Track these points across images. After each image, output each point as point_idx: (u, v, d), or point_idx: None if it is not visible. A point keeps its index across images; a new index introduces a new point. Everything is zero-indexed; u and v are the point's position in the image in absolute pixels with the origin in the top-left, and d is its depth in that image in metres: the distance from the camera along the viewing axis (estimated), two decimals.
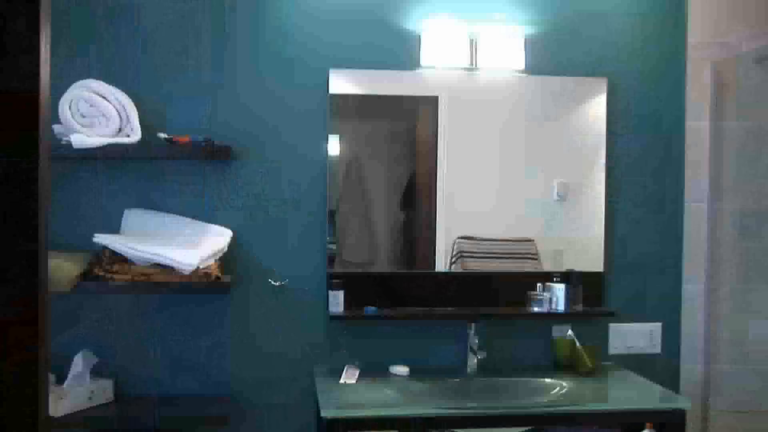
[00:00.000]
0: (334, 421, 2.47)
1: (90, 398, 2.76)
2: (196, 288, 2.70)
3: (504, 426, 2.65)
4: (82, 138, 2.64)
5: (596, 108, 3.12)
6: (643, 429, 2.70)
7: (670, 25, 3.16)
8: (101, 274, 2.68)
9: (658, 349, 3.19)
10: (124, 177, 2.89)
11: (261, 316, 2.97)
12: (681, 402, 2.68)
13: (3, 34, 0.86)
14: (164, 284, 2.68)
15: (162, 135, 2.76)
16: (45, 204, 0.89)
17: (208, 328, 2.95)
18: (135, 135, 2.74)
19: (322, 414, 2.48)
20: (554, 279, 3.02)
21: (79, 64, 2.81)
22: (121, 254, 2.66)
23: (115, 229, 2.85)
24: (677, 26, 3.15)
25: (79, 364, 2.75)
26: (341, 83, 2.98)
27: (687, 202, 3.18)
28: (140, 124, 2.76)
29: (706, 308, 3.19)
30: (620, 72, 3.13)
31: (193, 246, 2.73)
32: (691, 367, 3.20)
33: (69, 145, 2.63)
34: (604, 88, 3.11)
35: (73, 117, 2.66)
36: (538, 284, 3.03)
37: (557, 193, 3.12)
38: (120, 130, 2.72)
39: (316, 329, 2.99)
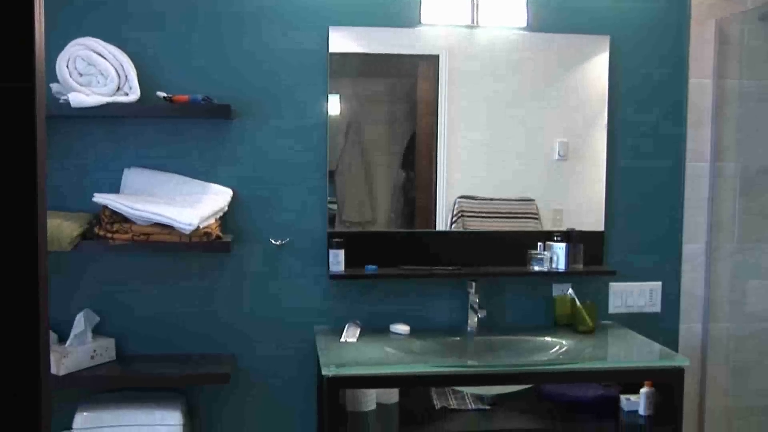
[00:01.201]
0: (334, 379, 2.48)
1: (92, 357, 2.77)
2: (196, 247, 2.70)
3: (504, 384, 2.68)
4: (80, 97, 2.62)
5: (598, 66, 3.09)
6: (642, 387, 2.72)
7: None
8: (101, 234, 2.68)
9: (657, 308, 3.20)
10: (123, 136, 2.87)
11: (261, 275, 2.97)
12: (679, 360, 2.70)
13: None
14: (164, 244, 2.68)
15: (161, 94, 2.75)
16: (42, 163, 0.89)
17: (209, 288, 2.96)
18: (133, 94, 2.72)
19: (323, 372, 2.49)
20: (555, 238, 3.02)
21: (75, 21, 2.78)
22: (121, 214, 2.66)
23: (114, 188, 2.84)
24: None
25: (81, 323, 2.76)
26: (341, 42, 2.95)
27: (688, 161, 3.16)
28: (139, 83, 2.74)
29: (706, 268, 3.20)
30: (623, 30, 3.10)
31: (193, 205, 2.72)
32: (690, 326, 3.22)
33: (67, 104, 2.62)
34: (607, 46, 3.08)
35: (70, 75, 2.64)
36: (539, 243, 3.03)
37: (558, 152, 3.10)
38: (118, 88, 2.71)
39: (317, 288, 3.00)
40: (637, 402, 2.73)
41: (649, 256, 3.18)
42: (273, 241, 2.95)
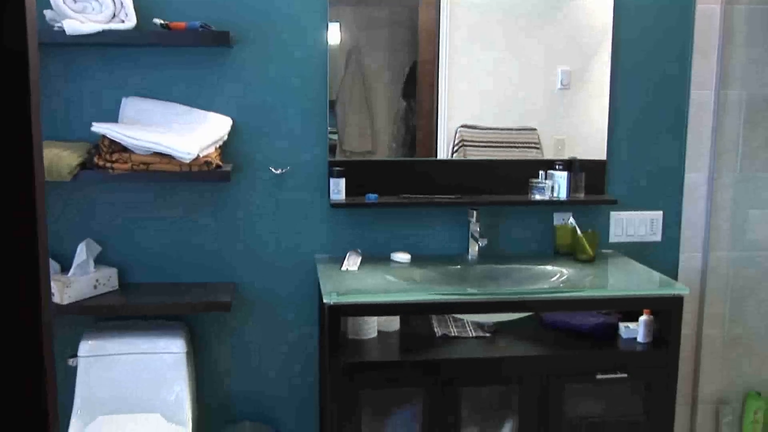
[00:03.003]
0: (336, 307, 2.50)
1: (95, 287, 2.79)
2: (196, 176, 2.69)
3: (504, 312, 2.69)
4: (75, 24, 2.58)
5: None
6: (641, 315, 2.74)
7: None
8: (101, 163, 2.67)
9: (658, 237, 3.20)
10: (121, 65, 2.83)
11: (262, 204, 2.97)
12: (679, 288, 2.71)
13: None
14: (164, 173, 2.67)
15: (157, 21, 2.70)
16: (35, 90, 0.87)
17: (209, 217, 2.96)
18: (129, 21, 2.67)
19: (324, 300, 2.51)
20: (556, 167, 3.00)
21: None
22: (120, 143, 2.64)
23: (113, 118, 2.82)
24: None
25: (82, 253, 2.77)
26: None
27: (693, 90, 3.13)
28: (135, 10, 2.69)
29: (707, 197, 3.19)
30: None
31: (193, 134, 2.70)
32: (690, 256, 3.23)
33: (62, 31, 2.57)
34: None
35: (64, 2, 2.59)
36: (540, 172, 3.02)
37: (561, 81, 3.07)
38: (114, 15, 2.66)
39: (318, 217, 3.00)
40: (636, 330, 2.75)
41: (651, 186, 3.17)
42: (273, 170, 2.93)
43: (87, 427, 2.65)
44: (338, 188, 2.89)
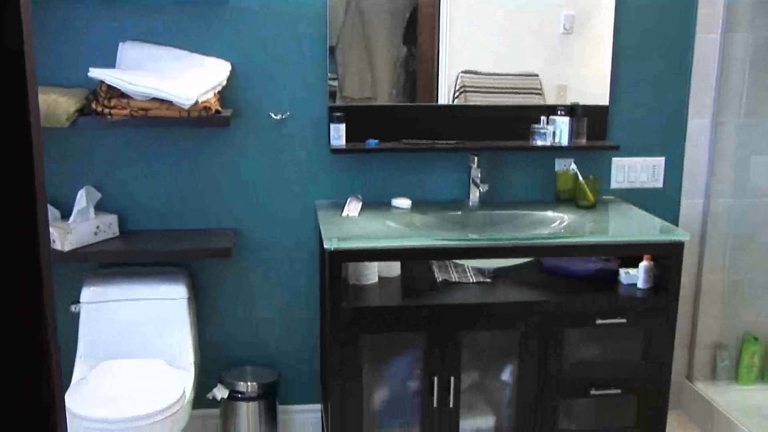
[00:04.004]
0: (337, 253, 2.50)
1: (96, 233, 2.79)
2: (196, 122, 2.67)
3: (505, 257, 2.70)
4: None
5: None
6: (641, 261, 2.74)
7: None
8: (99, 109, 2.65)
9: (659, 184, 3.19)
10: (118, 9, 2.79)
11: (262, 150, 2.95)
12: (679, 234, 2.71)
13: None
14: (163, 119, 2.65)
15: None
16: (29, 33, 0.85)
17: (209, 163, 2.94)
18: None
19: (325, 246, 2.51)
20: (558, 112, 2.98)
21: None
22: (118, 89, 2.62)
23: (110, 63, 2.79)
24: None
25: (82, 199, 2.76)
26: None
27: (698, 33, 3.08)
28: None
29: (710, 143, 3.17)
30: None
31: (192, 79, 2.68)
32: (691, 202, 3.22)
33: None
34: None
35: None
36: (542, 117, 2.99)
37: (564, 25, 3.02)
38: None
39: (318, 163, 2.98)
40: (636, 276, 2.76)
41: (654, 132, 3.15)
42: (273, 116, 2.91)
43: (91, 371, 2.67)
44: (338, 134, 2.87)
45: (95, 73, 2.60)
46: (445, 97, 3.01)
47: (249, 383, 2.95)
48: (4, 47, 0.82)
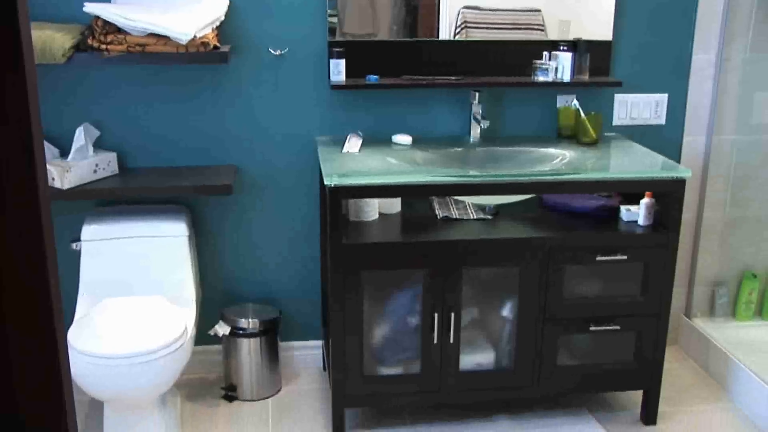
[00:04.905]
0: (337, 189, 2.50)
1: (95, 171, 2.78)
2: (194, 58, 2.64)
3: (506, 193, 2.69)
4: None
5: None
6: (642, 198, 2.74)
7: None
8: (95, 45, 2.61)
9: (662, 121, 3.16)
10: None
11: (261, 85, 2.92)
12: (681, 171, 2.69)
13: None
14: (160, 55, 2.61)
15: None
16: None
17: (208, 99, 2.91)
18: None
19: (326, 182, 2.50)
20: (561, 48, 2.93)
21: None
22: (114, 24, 2.57)
23: None
24: None
25: (81, 137, 2.75)
26: None
27: None
28: None
29: (714, 79, 3.14)
30: None
31: (189, 14, 2.63)
32: (694, 139, 3.20)
33: None
34: None
35: None
36: (544, 53, 2.95)
37: None
38: None
39: (318, 99, 2.95)
40: (637, 213, 2.76)
41: (657, 67, 3.11)
42: (272, 51, 2.87)
43: (93, 308, 2.69)
44: (338, 69, 2.84)
45: (90, 8, 2.56)
46: (446, 33, 2.97)
47: (250, 320, 2.97)
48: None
